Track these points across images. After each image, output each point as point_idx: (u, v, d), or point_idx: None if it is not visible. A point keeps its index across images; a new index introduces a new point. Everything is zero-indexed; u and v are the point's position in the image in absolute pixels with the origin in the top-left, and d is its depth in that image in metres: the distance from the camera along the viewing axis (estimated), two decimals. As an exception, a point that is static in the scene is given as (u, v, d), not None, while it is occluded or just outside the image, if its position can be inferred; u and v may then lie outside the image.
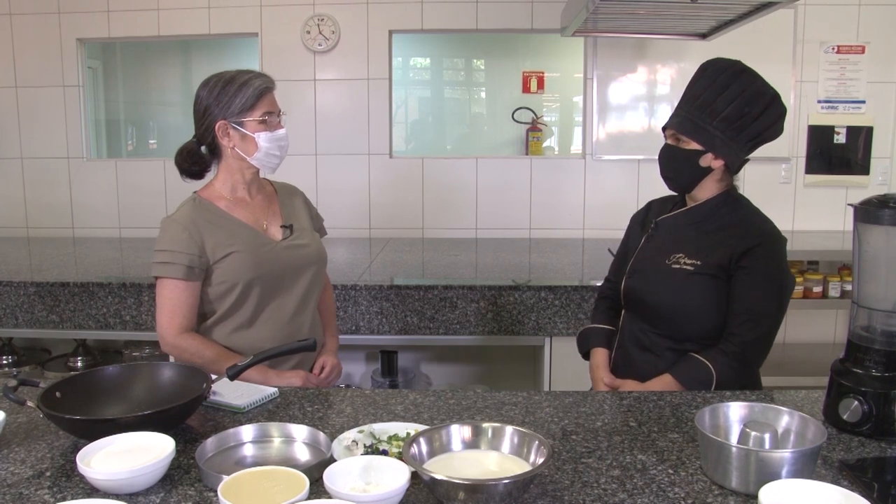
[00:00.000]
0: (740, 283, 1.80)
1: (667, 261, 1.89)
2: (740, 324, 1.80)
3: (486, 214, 4.21)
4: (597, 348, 2.08)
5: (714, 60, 1.88)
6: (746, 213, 1.90)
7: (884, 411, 1.46)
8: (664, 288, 1.89)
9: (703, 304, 1.84)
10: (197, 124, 1.97)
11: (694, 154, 1.83)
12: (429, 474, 1.16)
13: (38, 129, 4.28)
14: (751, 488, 1.21)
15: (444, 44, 5.90)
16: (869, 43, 4.05)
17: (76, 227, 4.33)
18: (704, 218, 1.90)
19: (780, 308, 1.85)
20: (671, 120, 1.88)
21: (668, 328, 1.90)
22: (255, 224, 2.00)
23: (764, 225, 1.87)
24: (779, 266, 1.84)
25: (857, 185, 4.15)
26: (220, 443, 1.42)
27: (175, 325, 1.89)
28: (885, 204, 1.48)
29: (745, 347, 1.79)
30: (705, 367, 1.79)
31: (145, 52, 5.66)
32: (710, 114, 1.80)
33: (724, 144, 1.81)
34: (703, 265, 1.84)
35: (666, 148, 1.90)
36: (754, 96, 1.80)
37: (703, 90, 1.82)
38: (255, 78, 1.93)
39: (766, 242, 1.82)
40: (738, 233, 1.83)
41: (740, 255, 1.80)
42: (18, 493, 1.24)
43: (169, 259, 1.88)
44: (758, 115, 1.80)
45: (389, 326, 2.84)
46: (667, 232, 1.95)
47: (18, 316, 2.94)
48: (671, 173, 1.91)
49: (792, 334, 4.22)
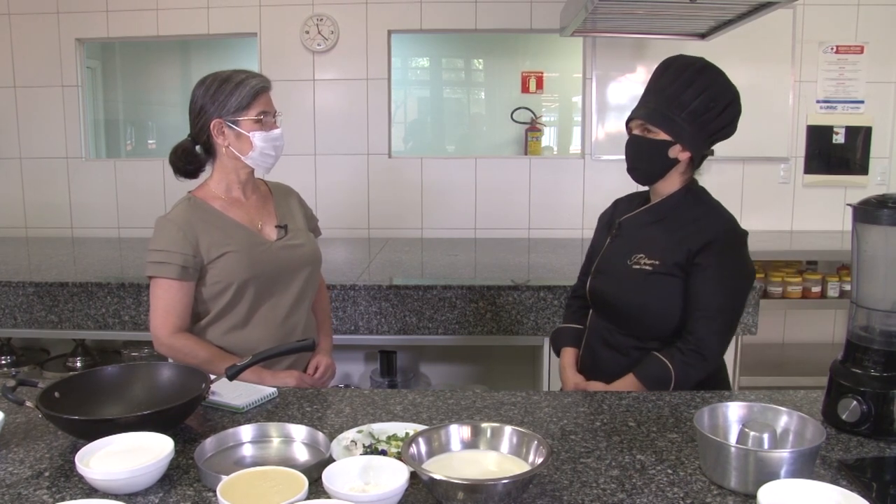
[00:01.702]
0: (695, 280, 1.82)
1: (628, 261, 1.90)
2: (696, 321, 1.81)
3: (485, 214, 4.21)
4: (566, 348, 2.10)
5: (677, 57, 1.91)
6: (706, 209, 1.90)
7: (882, 411, 1.46)
8: (626, 289, 1.90)
9: (664, 304, 1.85)
10: (192, 123, 1.97)
11: (663, 144, 1.84)
12: (428, 474, 1.16)
13: (37, 129, 4.27)
14: (750, 488, 1.21)
15: (443, 44, 5.90)
16: (868, 43, 4.06)
17: (75, 227, 4.33)
18: (666, 215, 1.90)
19: (735, 303, 1.86)
20: (639, 111, 1.88)
21: (632, 328, 1.91)
22: (249, 224, 2.00)
23: (719, 220, 1.88)
24: (734, 261, 1.85)
25: (855, 184, 4.16)
26: (219, 443, 1.42)
27: (169, 325, 1.89)
28: (884, 204, 1.48)
29: (700, 344, 1.80)
30: (663, 366, 1.81)
31: (144, 52, 5.66)
32: (678, 106, 1.82)
33: (691, 137, 1.82)
34: (661, 265, 1.85)
35: (633, 139, 1.89)
36: (719, 92, 1.82)
37: (670, 84, 1.84)
38: (251, 77, 1.93)
39: (719, 238, 1.83)
40: (695, 230, 1.84)
41: (696, 252, 1.81)
42: (17, 494, 1.24)
43: (163, 259, 1.87)
44: (720, 112, 1.82)
45: (388, 326, 2.84)
46: (630, 232, 1.96)
47: (17, 316, 2.93)
48: (639, 164, 1.90)
49: (791, 334, 4.23)
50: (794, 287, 3.75)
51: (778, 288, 3.76)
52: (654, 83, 1.89)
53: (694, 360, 1.80)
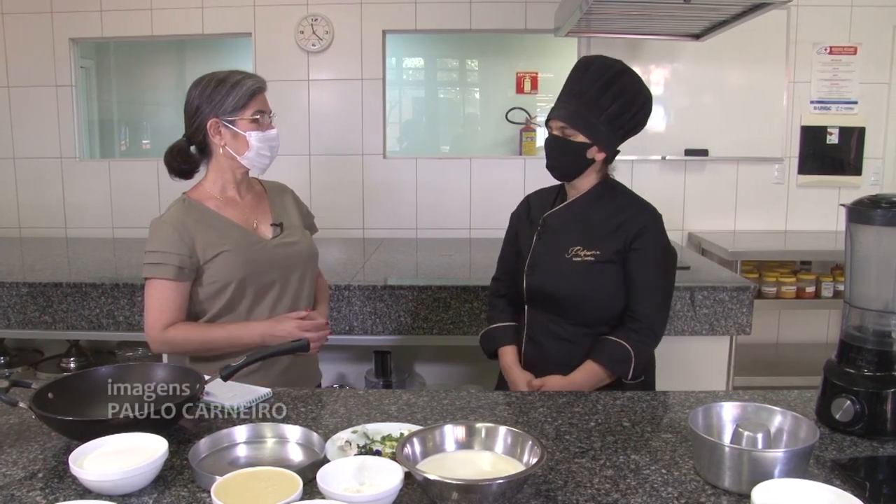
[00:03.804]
0: (634, 264, 1.94)
1: (566, 255, 1.97)
2: (641, 300, 1.94)
3: (479, 215, 4.21)
4: (505, 347, 2.12)
5: (596, 57, 2.00)
6: (628, 199, 2.02)
7: (876, 411, 1.47)
8: (570, 281, 1.97)
9: (610, 290, 1.96)
10: (187, 123, 1.97)
11: (581, 146, 1.93)
12: (422, 475, 1.16)
13: (31, 129, 4.26)
14: (744, 488, 1.21)
15: (437, 44, 5.90)
16: (861, 44, 4.07)
17: (69, 228, 4.31)
18: (588, 208, 2.01)
19: (670, 280, 2.03)
20: (559, 112, 1.95)
21: (580, 317, 1.99)
22: (245, 223, 2.00)
23: (645, 208, 2.00)
24: (663, 243, 1.99)
25: (849, 185, 4.17)
26: (214, 443, 1.41)
27: (161, 323, 1.88)
28: (877, 204, 1.49)
29: (650, 321, 1.94)
30: (622, 347, 1.92)
31: (139, 51, 5.64)
32: (597, 110, 1.91)
33: (607, 139, 1.94)
34: (601, 254, 1.95)
35: (553, 139, 1.98)
36: (635, 96, 1.93)
37: (589, 87, 1.92)
38: (247, 78, 1.94)
39: (650, 223, 1.97)
40: (625, 218, 1.96)
41: (632, 238, 1.94)
42: (10, 495, 1.24)
43: (159, 260, 1.87)
44: (635, 113, 1.95)
45: (383, 327, 2.84)
46: (556, 227, 2.03)
47: (10, 317, 2.92)
48: (558, 163, 2.00)
49: (785, 334, 4.24)
50: (788, 287, 3.76)
51: (772, 288, 3.77)
52: (573, 84, 1.97)
53: (647, 337, 1.94)
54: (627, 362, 1.90)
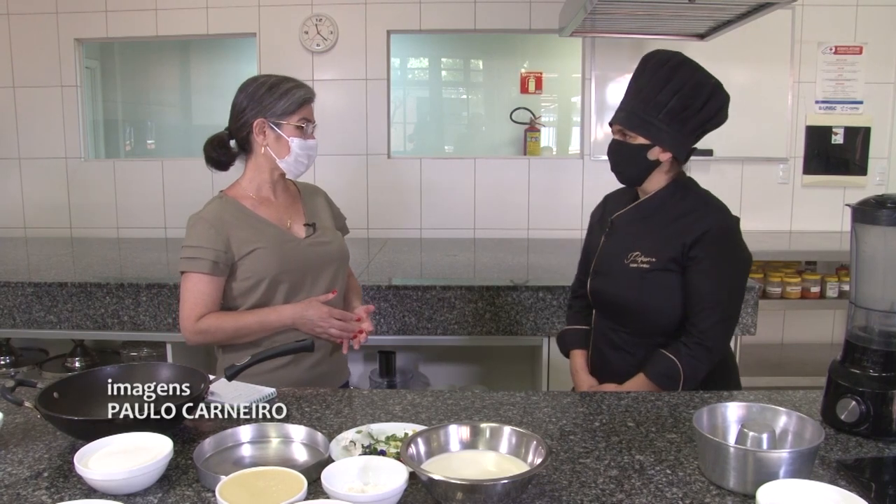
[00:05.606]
0: (692, 274, 1.82)
1: (625, 260, 1.90)
2: (696, 314, 1.81)
3: (484, 215, 4.21)
4: (575, 350, 2.09)
5: (654, 53, 1.89)
6: (695, 202, 1.89)
7: (881, 411, 1.46)
8: (626, 287, 1.89)
9: (664, 300, 1.85)
10: (232, 119, 2.02)
11: (641, 148, 1.84)
12: (427, 475, 1.16)
13: (36, 129, 4.27)
14: (748, 488, 1.21)
15: (442, 44, 5.90)
16: (866, 43, 4.06)
17: (74, 228, 4.32)
18: (655, 211, 1.90)
19: (733, 292, 1.86)
20: (617, 115, 1.89)
21: (636, 326, 1.91)
22: (279, 222, 2.04)
23: (709, 212, 1.87)
24: (728, 250, 1.84)
25: (854, 185, 4.16)
26: (218, 443, 1.42)
27: (195, 315, 1.91)
28: (883, 204, 1.48)
29: (703, 337, 1.80)
30: (671, 362, 1.81)
31: (143, 52, 5.65)
32: (654, 108, 1.82)
33: (670, 137, 1.82)
34: (657, 261, 1.84)
35: (614, 143, 1.91)
36: (696, 88, 1.81)
37: (646, 84, 1.84)
38: (299, 87, 2.01)
39: (712, 230, 1.82)
40: (687, 223, 1.83)
41: (690, 246, 1.81)
42: (16, 494, 1.24)
43: (195, 255, 1.91)
44: (701, 106, 1.81)
45: (387, 327, 2.84)
46: (623, 230, 1.96)
47: (16, 316, 2.93)
48: (620, 168, 1.91)
49: (790, 334, 4.23)
50: (793, 287, 3.75)
51: (777, 288, 3.76)
52: (633, 83, 1.90)
53: (699, 353, 1.80)
54: (675, 378, 1.79)
